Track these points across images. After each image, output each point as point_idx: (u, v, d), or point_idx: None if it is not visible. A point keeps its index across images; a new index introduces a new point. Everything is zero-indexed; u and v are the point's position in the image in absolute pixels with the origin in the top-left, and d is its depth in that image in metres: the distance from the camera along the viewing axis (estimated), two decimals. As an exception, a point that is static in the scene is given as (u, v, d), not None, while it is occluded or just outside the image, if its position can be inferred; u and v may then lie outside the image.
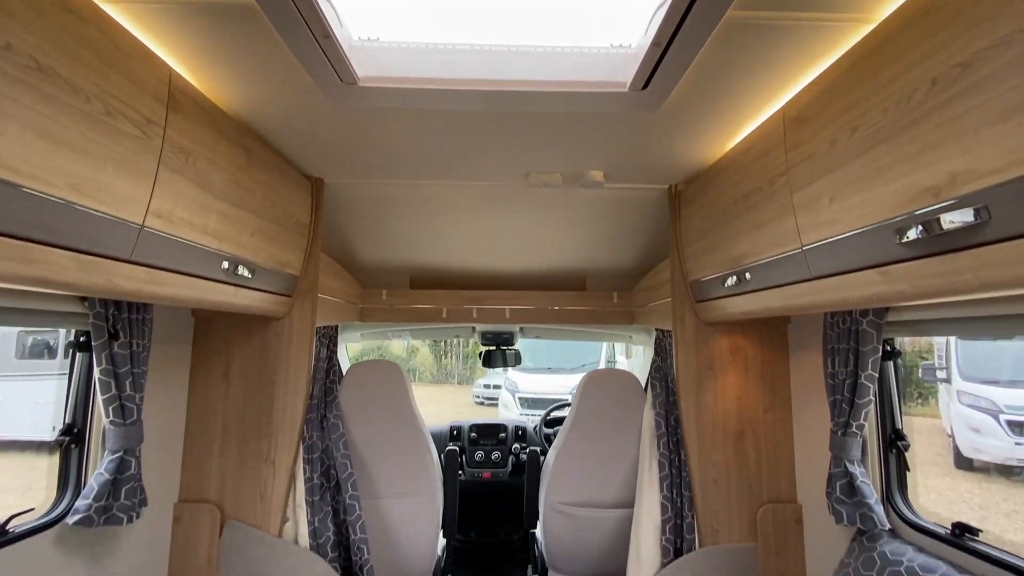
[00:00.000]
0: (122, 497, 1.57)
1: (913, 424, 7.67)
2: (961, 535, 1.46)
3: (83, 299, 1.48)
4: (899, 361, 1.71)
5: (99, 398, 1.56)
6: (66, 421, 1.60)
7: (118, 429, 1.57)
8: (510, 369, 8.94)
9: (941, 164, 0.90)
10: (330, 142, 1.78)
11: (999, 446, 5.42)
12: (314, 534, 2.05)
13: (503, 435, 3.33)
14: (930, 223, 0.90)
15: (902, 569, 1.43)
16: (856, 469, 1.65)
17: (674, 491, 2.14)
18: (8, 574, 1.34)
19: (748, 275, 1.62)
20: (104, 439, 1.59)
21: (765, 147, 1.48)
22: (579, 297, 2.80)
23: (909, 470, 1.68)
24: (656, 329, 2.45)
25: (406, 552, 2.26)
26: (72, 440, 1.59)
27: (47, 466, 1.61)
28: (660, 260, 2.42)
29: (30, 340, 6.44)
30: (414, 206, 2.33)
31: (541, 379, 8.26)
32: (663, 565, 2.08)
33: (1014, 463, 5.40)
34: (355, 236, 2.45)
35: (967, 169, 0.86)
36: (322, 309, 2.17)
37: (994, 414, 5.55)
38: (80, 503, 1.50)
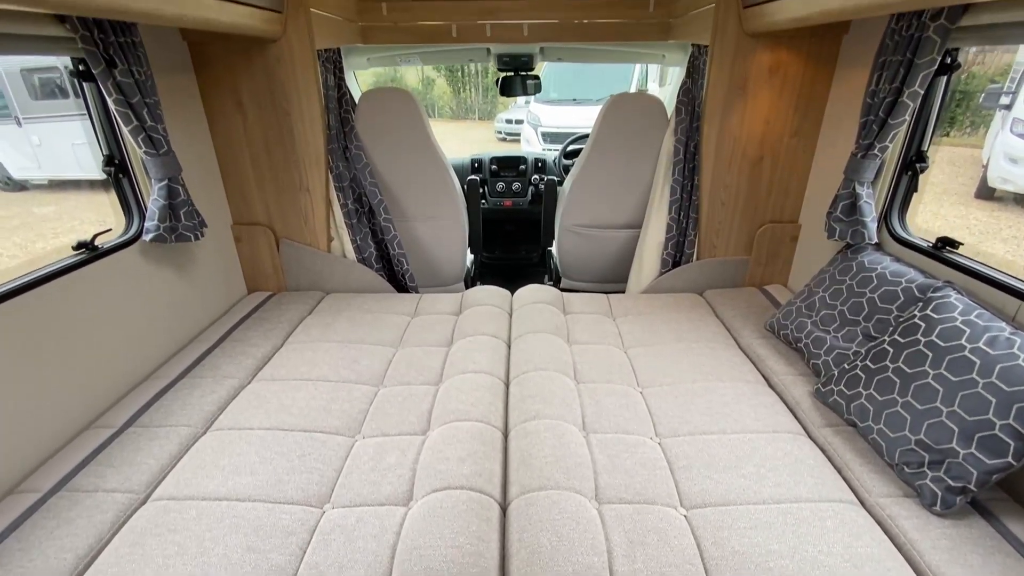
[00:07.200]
0: (182, 219, 1.77)
1: (953, 154, 7.40)
2: (941, 248, 1.59)
3: (63, 21, 1.37)
4: (952, 76, 1.54)
5: (124, 131, 1.60)
6: (104, 153, 1.69)
7: (154, 159, 1.66)
8: (532, 101, 8.44)
9: None
10: None
11: (1030, 176, 5.30)
12: (358, 250, 2.36)
13: (523, 167, 3.39)
14: None
15: (873, 274, 1.61)
16: (864, 190, 1.69)
17: (681, 213, 2.28)
18: (110, 280, 1.64)
19: None
20: (146, 169, 1.70)
21: None
22: (610, 7, 2.41)
23: (917, 191, 1.71)
24: (692, 45, 2.19)
25: (439, 264, 2.61)
26: (118, 170, 1.70)
27: (109, 200, 1.78)
28: (711, -49, 1.98)
29: (37, 80, 6.25)
30: None
31: (565, 111, 7.84)
32: (661, 274, 2.38)
33: (1037, 194, 5.35)
34: None
35: None
36: (319, 28, 1.97)
37: (1040, 144, 5.25)
38: (148, 224, 1.72)
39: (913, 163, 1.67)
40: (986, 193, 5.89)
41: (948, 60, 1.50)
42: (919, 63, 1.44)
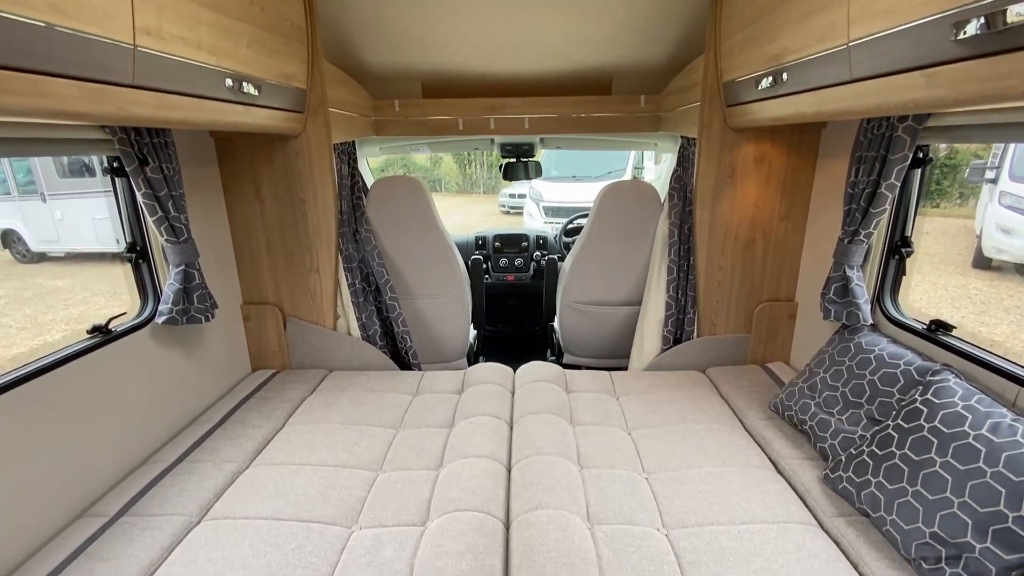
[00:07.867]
0: (195, 302, 1.83)
1: (946, 225, 7.59)
2: (935, 330, 1.61)
3: (102, 126, 1.50)
4: (926, 169, 1.65)
5: (149, 220, 1.70)
6: (127, 240, 1.78)
7: (174, 247, 1.75)
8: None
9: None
10: None
11: (1024, 246, 5.41)
12: (363, 327, 2.40)
13: (525, 244, 3.52)
14: (994, 16, 0.80)
15: (872, 356, 1.63)
16: (854, 273, 1.75)
17: (679, 292, 2.34)
18: (120, 363, 1.67)
19: (785, 75, 1.49)
20: (165, 255, 1.79)
21: None
22: (603, 102, 2.62)
23: (905, 274, 1.77)
24: (682, 137, 2.35)
25: (443, 341, 2.65)
26: (138, 256, 1.79)
27: (122, 273, 1.85)
28: (694, 57, 2.19)
29: (66, 159, 6.66)
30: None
31: (566, 188, 8.20)
32: (662, 351, 2.40)
33: (1033, 263, 5.45)
34: (357, 38, 2.25)
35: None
36: (336, 124, 2.14)
37: (1031, 215, 5.40)
38: (162, 307, 1.78)
39: (899, 248, 1.74)
40: (983, 263, 5.99)
41: (920, 155, 1.62)
42: (892, 159, 1.55)
